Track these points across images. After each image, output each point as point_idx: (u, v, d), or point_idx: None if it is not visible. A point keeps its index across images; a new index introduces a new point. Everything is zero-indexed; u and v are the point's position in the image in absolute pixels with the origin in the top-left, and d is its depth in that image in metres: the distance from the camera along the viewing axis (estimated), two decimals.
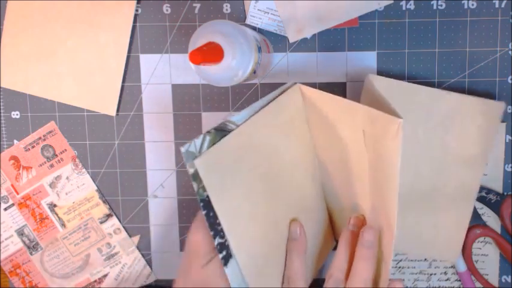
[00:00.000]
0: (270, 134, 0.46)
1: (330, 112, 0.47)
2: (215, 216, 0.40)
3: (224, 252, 0.41)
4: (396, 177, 0.42)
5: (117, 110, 0.56)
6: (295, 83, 0.48)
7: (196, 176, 0.39)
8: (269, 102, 0.46)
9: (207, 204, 0.40)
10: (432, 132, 0.51)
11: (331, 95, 0.46)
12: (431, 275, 0.56)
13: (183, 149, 0.40)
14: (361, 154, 0.46)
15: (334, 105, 0.46)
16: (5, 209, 0.58)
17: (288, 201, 0.47)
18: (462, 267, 0.54)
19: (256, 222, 0.44)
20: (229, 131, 0.42)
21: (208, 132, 0.41)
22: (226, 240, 0.41)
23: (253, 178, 0.44)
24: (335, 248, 0.54)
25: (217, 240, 0.41)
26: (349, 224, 0.48)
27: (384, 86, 0.50)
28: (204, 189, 0.40)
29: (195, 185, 0.40)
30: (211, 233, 0.40)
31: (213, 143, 0.40)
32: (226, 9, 0.54)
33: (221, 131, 0.42)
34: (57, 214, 0.57)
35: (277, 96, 0.47)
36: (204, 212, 0.40)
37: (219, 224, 0.40)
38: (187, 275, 0.44)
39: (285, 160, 0.47)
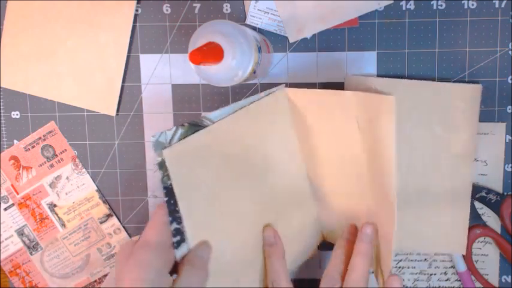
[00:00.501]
0: (247, 134, 0.47)
1: (321, 109, 0.47)
2: (175, 204, 0.41)
3: (178, 237, 0.42)
4: (393, 157, 0.43)
5: (117, 110, 0.56)
6: (285, 84, 0.49)
7: (162, 165, 0.41)
8: (251, 103, 0.47)
9: (169, 192, 0.41)
10: (418, 125, 0.52)
11: (319, 90, 0.47)
12: (431, 275, 0.56)
13: (153, 138, 0.41)
14: (356, 147, 0.47)
15: (324, 99, 0.47)
16: (5, 209, 0.58)
17: (264, 201, 0.48)
18: (462, 267, 0.54)
19: (225, 216, 0.45)
20: (204, 127, 0.43)
21: (182, 125, 0.43)
22: (183, 227, 0.42)
23: (225, 174, 0.45)
24: (324, 247, 0.55)
25: (174, 225, 0.42)
26: (344, 233, 0.49)
27: (363, 84, 0.51)
28: (169, 178, 0.41)
29: (160, 173, 0.41)
30: (170, 218, 0.41)
31: (184, 136, 0.42)
32: (226, 9, 0.54)
33: (195, 126, 0.43)
34: (57, 214, 0.57)
35: (260, 98, 0.48)
36: (165, 199, 0.41)
37: (178, 212, 0.42)
38: None
39: (263, 161, 0.48)
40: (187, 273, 0.40)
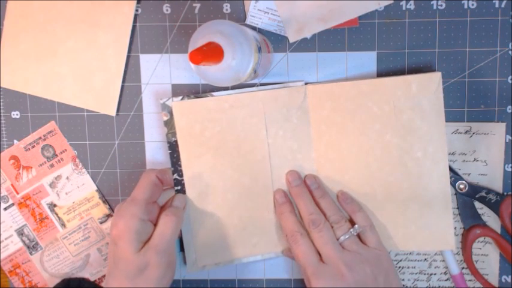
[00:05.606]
0: (254, 115, 0.52)
1: (351, 100, 0.51)
2: (178, 158, 0.53)
3: (179, 187, 0.53)
4: (443, 126, 0.51)
5: (117, 110, 0.56)
6: (306, 83, 0.53)
7: (168, 123, 0.53)
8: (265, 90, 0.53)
9: (172, 147, 0.53)
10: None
11: (351, 81, 0.51)
12: (431, 275, 0.56)
13: (161, 101, 0.53)
14: (388, 134, 0.51)
15: (355, 90, 0.51)
16: (5, 209, 0.58)
17: (263, 178, 0.53)
18: (455, 269, 0.54)
19: (217, 172, 0.53)
20: None
21: (188, 96, 0.53)
22: (182, 180, 0.53)
23: (225, 143, 0.52)
24: None
25: (175, 176, 0.53)
26: (291, 183, 0.53)
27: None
28: (173, 135, 0.52)
29: (165, 130, 0.53)
30: (172, 169, 0.53)
31: None
32: (226, 9, 0.54)
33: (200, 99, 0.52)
34: (57, 214, 0.57)
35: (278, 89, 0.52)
36: (169, 152, 0.53)
37: (180, 165, 0.53)
38: (120, 261, 0.48)
39: (262, 145, 0.53)
40: (162, 221, 0.49)
